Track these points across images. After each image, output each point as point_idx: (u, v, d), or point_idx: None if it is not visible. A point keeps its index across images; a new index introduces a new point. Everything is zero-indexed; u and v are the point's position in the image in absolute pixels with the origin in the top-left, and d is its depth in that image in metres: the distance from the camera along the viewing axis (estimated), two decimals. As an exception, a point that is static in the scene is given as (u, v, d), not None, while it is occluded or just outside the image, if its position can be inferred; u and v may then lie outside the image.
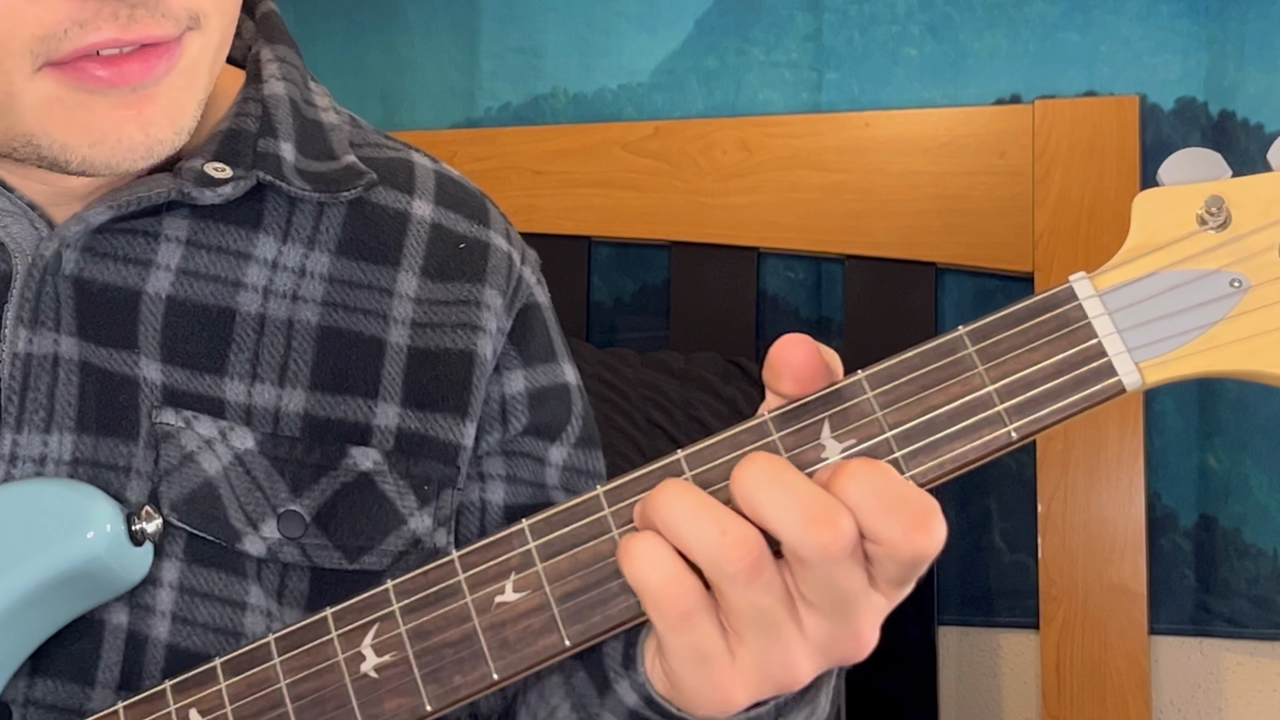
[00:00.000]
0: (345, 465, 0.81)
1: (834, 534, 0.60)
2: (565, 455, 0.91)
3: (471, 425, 0.86)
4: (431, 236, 0.87)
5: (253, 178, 0.81)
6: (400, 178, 0.89)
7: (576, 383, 0.93)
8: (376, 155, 0.89)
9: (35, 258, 0.78)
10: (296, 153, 0.84)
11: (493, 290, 0.88)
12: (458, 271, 0.87)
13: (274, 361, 0.81)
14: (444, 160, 0.94)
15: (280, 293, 0.82)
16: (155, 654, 0.78)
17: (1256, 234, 0.61)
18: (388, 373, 0.84)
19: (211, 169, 0.80)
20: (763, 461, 0.62)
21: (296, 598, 0.81)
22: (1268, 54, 1.56)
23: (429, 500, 0.84)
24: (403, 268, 0.86)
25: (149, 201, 0.79)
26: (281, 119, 0.84)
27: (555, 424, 0.91)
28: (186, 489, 0.78)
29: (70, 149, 0.72)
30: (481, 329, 0.87)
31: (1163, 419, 1.60)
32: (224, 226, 0.82)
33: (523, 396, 0.89)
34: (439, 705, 0.66)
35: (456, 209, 0.89)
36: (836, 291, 1.69)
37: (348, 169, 0.85)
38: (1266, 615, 1.57)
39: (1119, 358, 0.61)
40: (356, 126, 0.91)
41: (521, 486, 0.89)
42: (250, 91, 0.85)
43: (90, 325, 0.79)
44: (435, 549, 0.84)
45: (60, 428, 0.77)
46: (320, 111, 0.88)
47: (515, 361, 0.89)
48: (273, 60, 0.87)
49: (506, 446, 0.89)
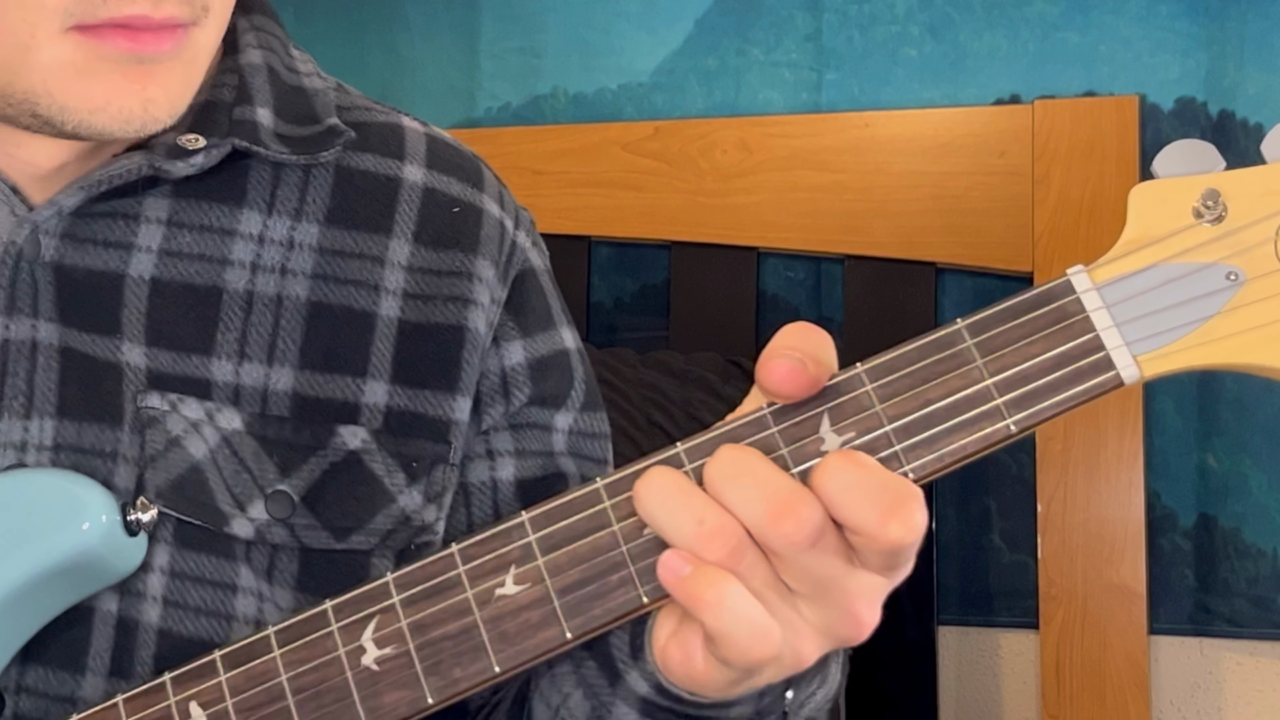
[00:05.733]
0: (334, 445, 0.81)
1: (796, 524, 0.61)
2: (571, 421, 0.90)
3: (463, 399, 0.85)
4: (424, 201, 0.86)
5: (228, 145, 0.80)
6: (390, 142, 0.88)
7: (576, 346, 0.92)
8: (364, 119, 0.88)
9: (8, 244, 0.78)
10: (275, 118, 0.83)
11: (485, 261, 0.87)
12: (451, 239, 0.86)
13: (262, 340, 0.81)
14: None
15: (268, 267, 0.82)
16: (146, 640, 0.78)
17: (1252, 227, 0.61)
18: (377, 349, 0.83)
19: (185, 140, 0.79)
20: (731, 453, 0.63)
21: (286, 579, 0.80)
22: (1267, 54, 1.57)
23: (418, 477, 0.83)
24: (394, 234, 0.85)
25: (121, 179, 0.78)
26: (259, 86, 0.83)
27: (559, 392, 0.89)
28: (174, 474, 0.78)
29: (69, 111, 0.72)
30: (473, 302, 0.85)
31: (1162, 418, 1.60)
32: (206, 204, 0.82)
33: (523, 368, 0.88)
34: (440, 698, 0.66)
35: (449, 172, 0.88)
36: (836, 291, 1.69)
37: (328, 130, 0.84)
38: (1266, 615, 1.57)
39: (1117, 351, 0.62)
40: (344, 92, 0.90)
41: (530, 459, 0.88)
42: (228, 63, 0.85)
43: (72, 311, 0.78)
44: (424, 525, 0.84)
45: (40, 413, 0.77)
46: (303, 77, 0.87)
47: (513, 332, 0.88)
48: (249, 30, 0.86)
49: (512, 419, 0.88)
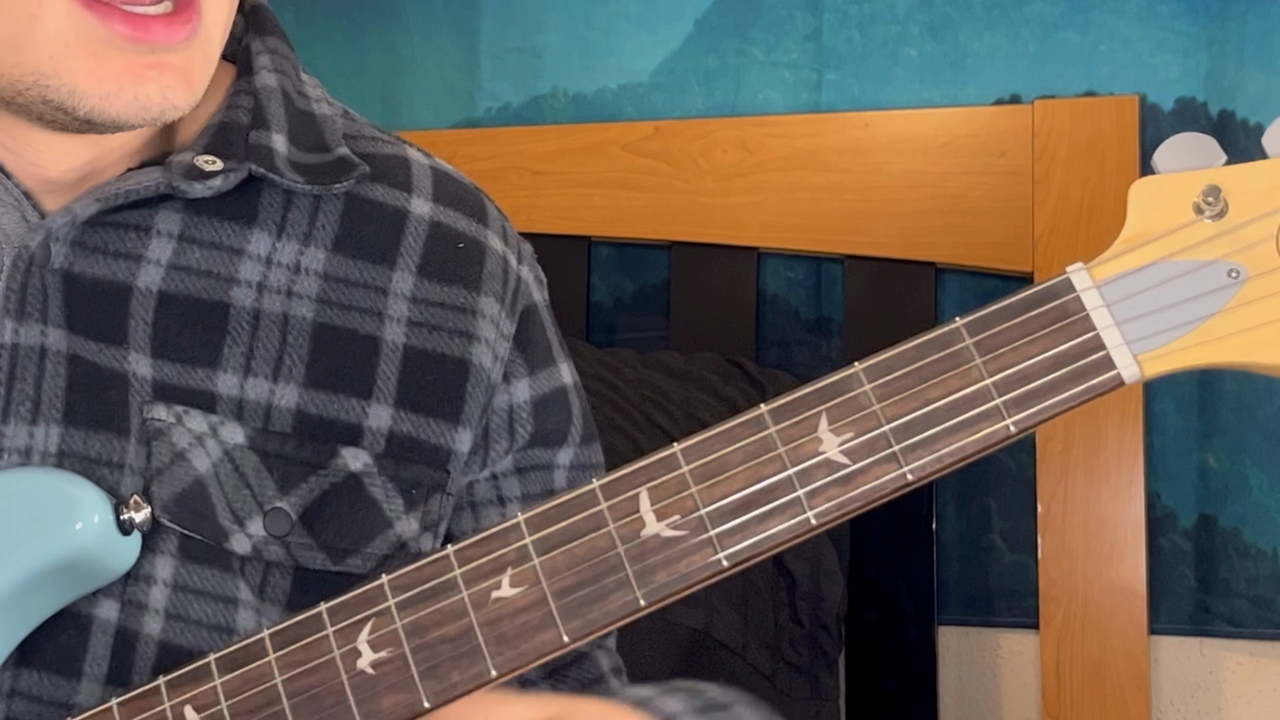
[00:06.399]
0: (335, 465, 0.81)
1: None
2: (571, 456, 0.91)
3: (464, 432, 0.85)
4: (430, 235, 0.87)
5: (244, 170, 0.81)
6: (397, 174, 0.88)
7: (573, 381, 0.93)
8: (372, 150, 0.88)
9: (21, 249, 0.78)
10: (289, 144, 0.83)
11: (489, 298, 0.87)
12: (455, 274, 0.86)
13: (269, 355, 0.81)
14: (444, 160, 0.93)
15: (275, 288, 0.82)
16: (146, 650, 0.77)
17: (1254, 224, 0.60)
18: (382, 371, 0.83)
19: (203, 162, 0.80)
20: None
21: (278, 596, 0.80)
22: (1267, 54, 1.56)
23: (417, 504, 0.83)
24: (399, 267, 0.85)
25: (137, 195, 0.79)
26: (274, 110, 0.84)
27: (559, 429, 0.90)
28: (178, 488, 0.78)
29: (80, 95, 0.72)
30: (477, 339, 0.86)
31: (1162, 419, 1.60)
32: (217, 221, 0.82)
33: (527, 405, 0.89)
34: (436, 702, 0.66)
35: (455, 206, 0.89)
36: (836, 291, 1.69)
37: (340, 161, 0.85)
38: (1266, 615, 1.57)
39: (1117, 350, 0.61)
40: (350, 119, 0.91)
41: (535, 501, 0.88)
42: (242, 84, 0.85)
43: (80, 319, 0.78)
44: (419, 553, 0.82)
45: (47, 420, 0.77)
46: (313, 103, 0.87)
47: (521, 369, 0.89)
48: (264, 52, 0.86)
49: (518, 462, 0.89)
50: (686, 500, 0.64)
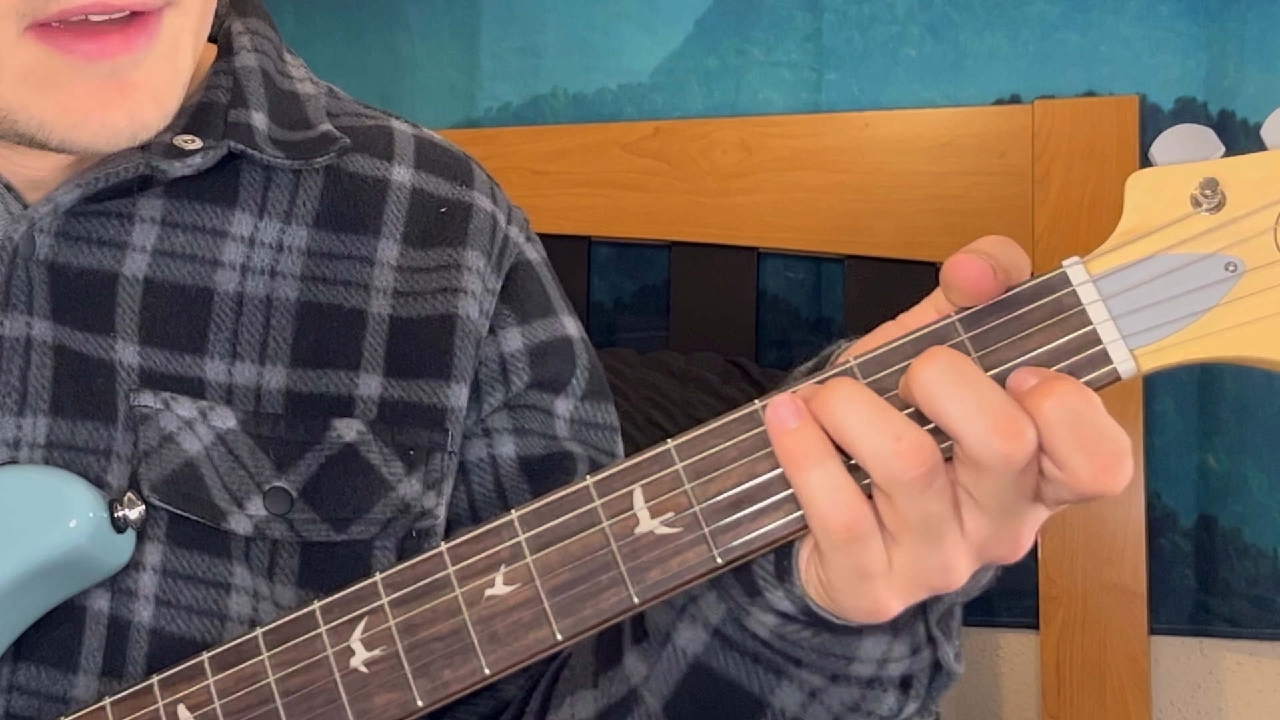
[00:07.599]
0: (329, 438, 0.81)
1: (1019, 445, 0.58)
2: (572, 408, 0.89)
3: (458, 386, 0.84)
4: (412, 202, 0.86)
5: (223, 147, 0.80)
6: (379, 144, 0.88)
7: (579, 335, 0.91)
8: (355, 124, 0.88)
9: (4, 240, 0.78)
10: (269, 122, 0.83)
11: (475, 251, 0.86)
12: (439, 237, 0.86)
13: (253, 340, 0.81)
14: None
15: (258, 269, 0.82)
16: (139, 639, 0.77)
17: (1252, 216, 0.60)
18: (369, 344, 0.83)
19: (181, 141, 0.79)
20: (948, 359, 0.59)
21: (288, 574, 0.80)
22: (1267, 54, 1.56)
23: (417, 465, 0.83)
24: (383, 235, 0.85)
25: (118, 178, 0.78)
26: (253, 89, 0.83)
27: (559, 377, 0.89)
28: (167, 470, 0.78)
29: (49, 127, 0.72)
30: (462, 290, 0.85)
31: (1162, 419, 1.59)
32: (199, 205, 0.81)
33: (522, 354, 0.87)
34: (429, 700, 0.66)
35: (437, 172, 0.88)
36: (836, 291, 1.68)
37: (323, 136, 0.84)
38: (1266, 615, 1.57)
39: (1114, 345, 0.61)
40: (334, 97, 0.90)
41: (532, 438, 0.88)
42: (222, 65, 0.85)
43: (65, 309, 0.78)
44: (424, 511, 0.83)
45: (34, 411, 0.77)
46: (295, 82, 0.87)
47: (510, 320, 0.88)
48: (244, 33, 0.86)
49: (511, 402, 0.87)
50: (680, 497, 0.64)
